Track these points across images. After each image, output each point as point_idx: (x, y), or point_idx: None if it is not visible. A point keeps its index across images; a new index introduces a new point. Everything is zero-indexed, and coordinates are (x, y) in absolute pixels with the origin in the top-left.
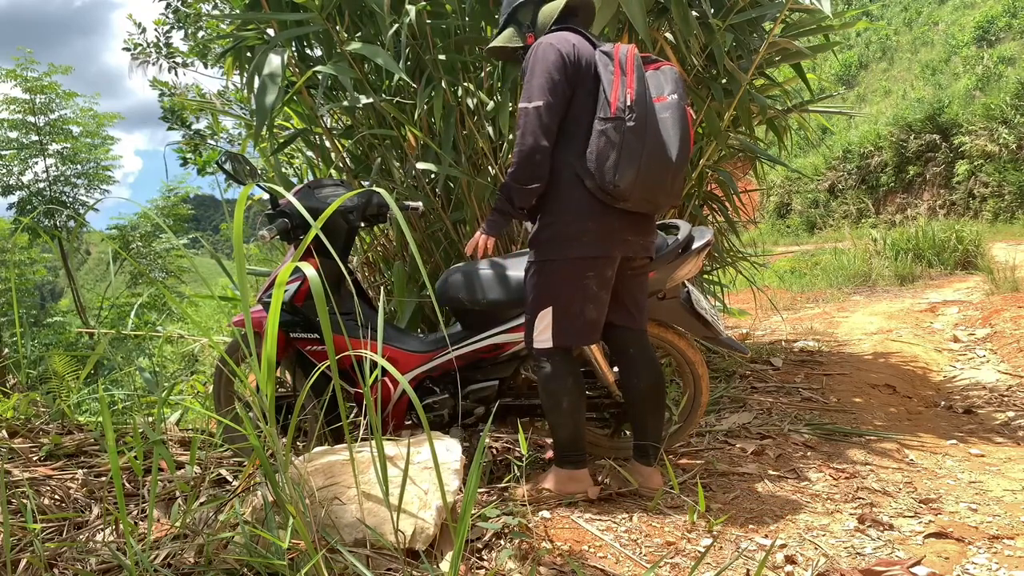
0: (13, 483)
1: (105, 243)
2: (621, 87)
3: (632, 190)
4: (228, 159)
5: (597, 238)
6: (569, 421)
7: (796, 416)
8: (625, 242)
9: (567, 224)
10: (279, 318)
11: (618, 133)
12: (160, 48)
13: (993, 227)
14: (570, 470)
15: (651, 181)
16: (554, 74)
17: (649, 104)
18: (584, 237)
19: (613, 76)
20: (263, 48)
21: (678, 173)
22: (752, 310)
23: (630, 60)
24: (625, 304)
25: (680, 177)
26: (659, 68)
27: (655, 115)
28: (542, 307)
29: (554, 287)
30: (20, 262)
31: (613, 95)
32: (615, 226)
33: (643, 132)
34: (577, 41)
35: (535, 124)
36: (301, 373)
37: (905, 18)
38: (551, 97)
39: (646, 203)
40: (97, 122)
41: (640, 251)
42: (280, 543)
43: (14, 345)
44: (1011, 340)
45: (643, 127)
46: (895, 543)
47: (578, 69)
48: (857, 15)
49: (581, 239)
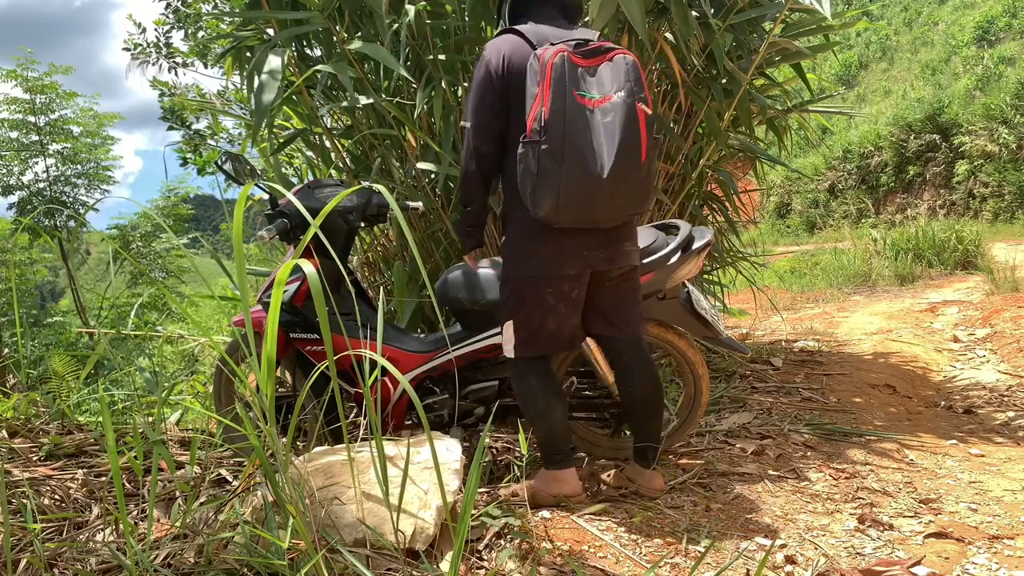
0: (13, 483)
1: (105, 243)
2: (540, 104)
3: (556, 215)
4: (228, 159)
5: (548, 258)
6: (543, 423)
7: (796, 416)
8: (581, 258)
9: (519, 244)
10: (279, 318)
11: (533, 157)
12: (160, 48)
13: (993, 227)
14: (553, 471)
15: (578, 203)
16: (481, 91)
17: (571, 116)
18: (535, 257)
19: (537, 89)
20: (263, 47)
21: (617, 186)
22: (752, 310)
23: (548, 68)
24: (606, 315)
25: (628, 188)
26: (612, 59)
27: (581, 127)
28: (506, 319)
29: (514, 301)
30: (20, 262)
31: (530, 114)
32: (565, 244)
33: (559, 153)
34: (511, 47)
35: (465, 147)
36: (301, 373)
37: (905, 18)
38: (478, 118)
39: (583, 222)
40: (97, 122)
41: (612, 262)
42: (280, 543)
43: (14, 345)
44: (1011, 340)
45: (559, 147)
46: (895, 543)
47: (507, 83)
48: (857, 15)
49: (532, 259)
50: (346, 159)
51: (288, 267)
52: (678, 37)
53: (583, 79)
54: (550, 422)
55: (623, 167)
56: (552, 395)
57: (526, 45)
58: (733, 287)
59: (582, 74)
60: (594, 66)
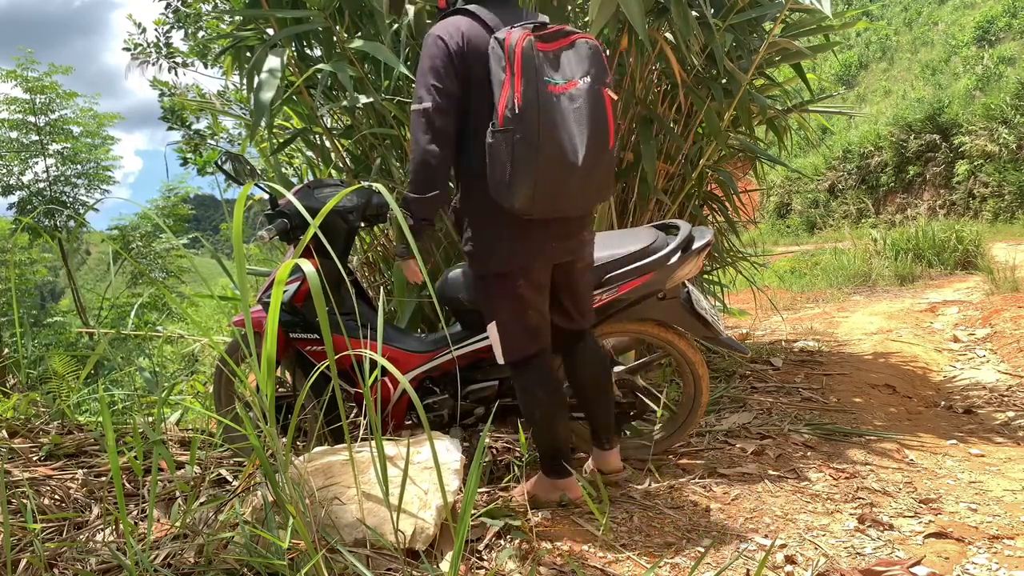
0: (13, 483)
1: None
2: (510, 91)
3: (531, 205)
4: (227, 159)
5: (518, 250)
6: (545, 432)
7: (796, 416)
8: (549, 248)
9: (487, 239)
10: (279, 318)
11: (508, 146)
12: (160, 48)
13: (993, 227)
14: (553, 479)
15: (552, 192)
16: (440, 70)
17: (544, 103)
18: (504, 250)
19: (504, 75)
20: (263, 47)
21: (589, 174)
22: (752, 310)
23: (518, 53)
24: (564, 306)
25: (596, 176)
26: (573, 43)
27: (553, 114)
28: (488, 321)
29: (493, 300)
30: (20, 262)
31: (501, 102)
32: (533, 235)
33: (535, 141)
34: (468, 28)
35: (423, 128)
36: (301, 373)
37: (905, 18)
38: (439, 98)
39: (554, 212)
40: (97, 122)
41: (568, 254)
42: (280, 543)
43: (14, 345)
44: (1011, 340)
45: (534, 135)
46: (895, 543)
47: (467, 64)
48: (857, 15)
49: (502, 253)
50: (346, 159)
51: (288, 267)
52: (678, 37)
53: (545, 64)
54: (554, 431)
55: (593, 154)
56: (556, 404)
57: (482, 27)
58: (733, 287)
59: (543, 59)
60: (555, 50)
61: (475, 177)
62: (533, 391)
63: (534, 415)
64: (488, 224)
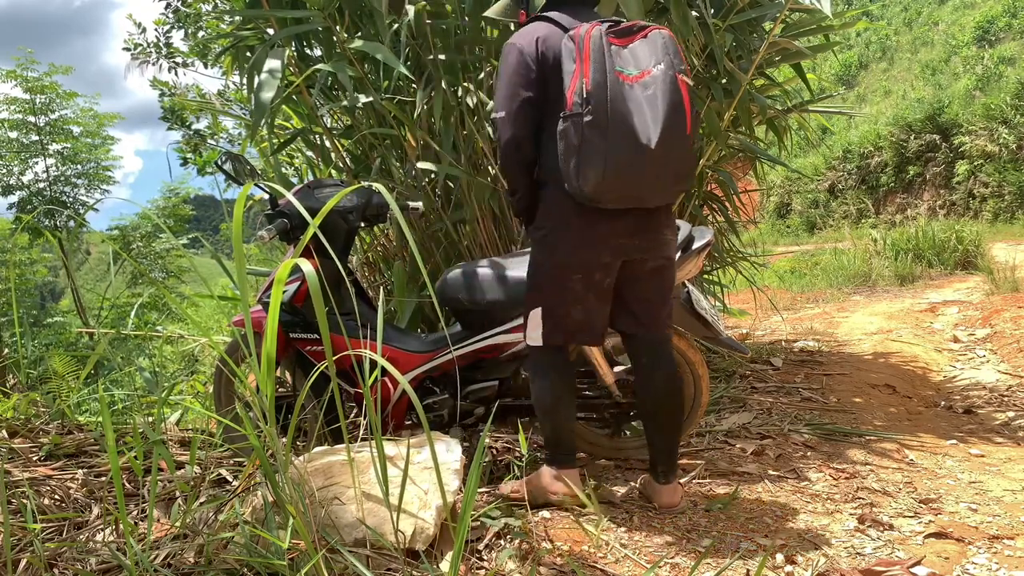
0: (13, 483)
1: (105, 243)
2: (579, 78)
3: (602, 191)
4: (227, 159)
5: (581, 243)
6: (552, 418)
7: (796, 416)
8: (619, 246)
9: (552, 229)
10: (279, 318)
11: (576, 131)
12: (160, 48)
13: (993, 227)
14: (556, 469)
15: (624, 177)
16: (515, 79)
17: (614, 89)
18: (567, 242)
19: (573, 65)
20: (263, 47)
21: (665, 159)
22: (752, 310)
23: (587, 42)
24: (632, 310)
25: (674, 163)
26: (647, 35)
27: (623, 100)
28: (533, 306)
29: (542, 288)
30: (20, 262)
31: (570, 89)
32: (602, 229)
33: (604, 124)
34: (545, 32)
35: (502, 136)
36: (301, 373)
37: (905, 18)
38: (513, 107)
39: (628, 200)
40: (97, 122)
41: (642, 252)
42: (280, 543)
43: (14, 345)
44: (1011, 340)
45: (604, 118)
46: (895, 543)
47: (544, 68)
48: (857, 15)
49: (564, 244)
50: (346, 159)
51: (287, 267)
52: (678, 37)
53: (618, 56)
54: (560, 419)
55: (669, 139)
56: (567, 392)
57: (558, 29)
58: (733, 287)
59: (616, 51)
60: (627, 44)
61: (549, 170)
62: (547, 374)
63: (545, 400)
64: (559, 213)
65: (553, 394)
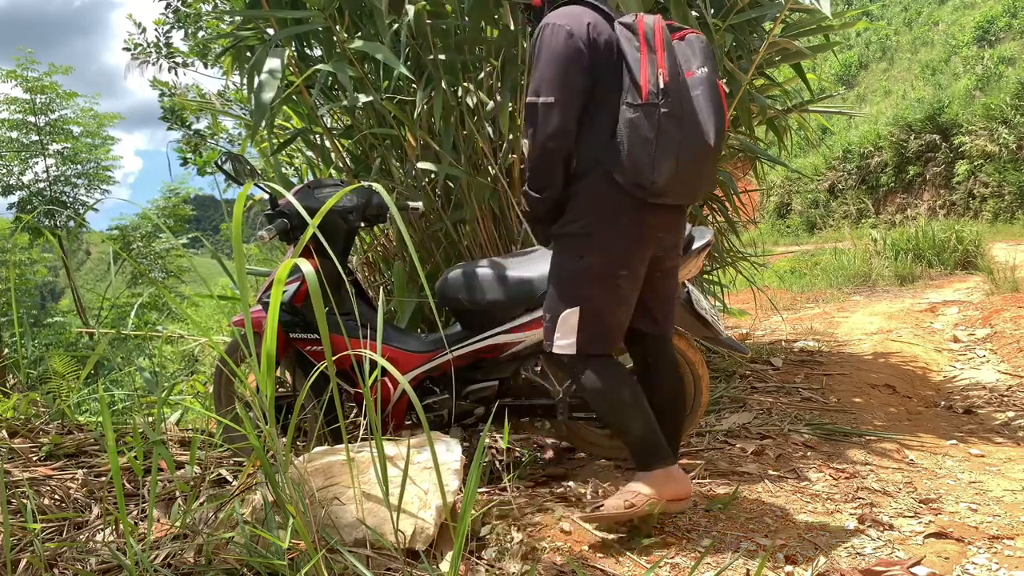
0: (13, 483)
1: (105, 243)
2: (650, 67)
3: (670, 184)
4: (227, 159)
5: (631, 235)
6: (638, 417)
7: (796, 416)
8: (658, 239)
9: (592, 222)
10: (279, 318)
11: (651, 122)
12: (160, 48)
13: (993, 227)
14: (664, 469)
15: (690, 171)
16: (567, 65)
17: (683, 83)
18: (615, 236)
19: (640, 54)
20: (263, 47)
21: (716, 158)
22: (752, 310)
23: (659, 34)
24: (650, 309)
25: (715, 163)
26: (684, 37)
27: (689, 95)
28: (567, 307)
29: (584, 287)
30: (20, 262)
31: (643, 78)
32: (650, 222)
33: (680, 117)
34: (593, 18)
35: (544, 123)
36: (301, 373)
37: (905, 18)
38: (564, 94)
39: (684, 196)
40: (98, 122)
41: (672, 249)
42: (280, 543)
43: (14, 345)
44: (1011, 340)
45: (679, 111)
46: (895, 543)
47: (597, 53)
48: (857, 15)
49: (610, 238)
50: (346, 159)
51: (287, 267)
52: None
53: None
54: (644, 418)
55: (720, 139)
56: (636, 385)
57: (602, 16)
58: (733, 287)
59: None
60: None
61: (592, 160)
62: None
63: (617, 408)
64: (609, 205)
65: (622, 399)
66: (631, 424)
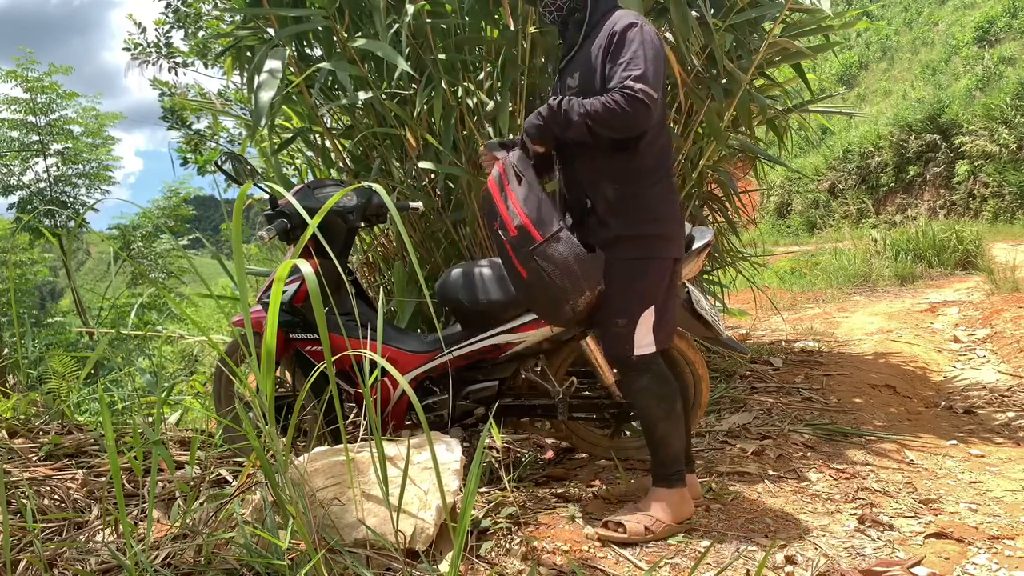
0: (13, 483)
1: (105, 243)
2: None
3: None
4: (227, 159)
5: (678, 238)
6: (679, 429)
7: (796, 416)
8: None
9: (666, 223)
10: (279, 318)
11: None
12: (160, 48)
13: (993, 227)
14: (679, 488)
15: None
16: (660, 65)
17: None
18: (675, 236)
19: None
20: (263, 46)
21: None
22: (752, 310)
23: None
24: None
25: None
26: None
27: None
28: (645, 307)
29: (655, 287)
30: (21, 262)
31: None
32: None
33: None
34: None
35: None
36: (301, 373)
37: (905, 18)
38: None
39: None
40: (99, 122)
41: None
42: (280, 543)
43: (14, 345)
44: (1011, 340)
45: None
46: (895, 543)
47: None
48: (857, 15)
49: (674, 238)
50: (346, 159)
51: (287, 267)
52: (677, 37)
53: None
54: (682, 432)
55: None
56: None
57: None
58: (733, 287)
59: None
60: None
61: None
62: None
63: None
64: (668, 207)
65: (673, 405)
66: (673, 435)
